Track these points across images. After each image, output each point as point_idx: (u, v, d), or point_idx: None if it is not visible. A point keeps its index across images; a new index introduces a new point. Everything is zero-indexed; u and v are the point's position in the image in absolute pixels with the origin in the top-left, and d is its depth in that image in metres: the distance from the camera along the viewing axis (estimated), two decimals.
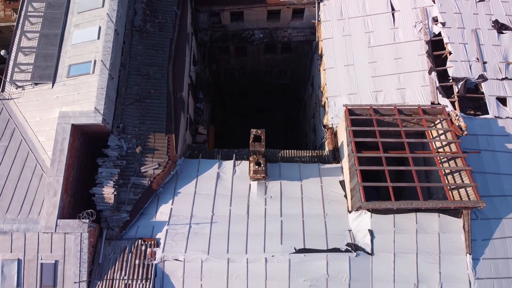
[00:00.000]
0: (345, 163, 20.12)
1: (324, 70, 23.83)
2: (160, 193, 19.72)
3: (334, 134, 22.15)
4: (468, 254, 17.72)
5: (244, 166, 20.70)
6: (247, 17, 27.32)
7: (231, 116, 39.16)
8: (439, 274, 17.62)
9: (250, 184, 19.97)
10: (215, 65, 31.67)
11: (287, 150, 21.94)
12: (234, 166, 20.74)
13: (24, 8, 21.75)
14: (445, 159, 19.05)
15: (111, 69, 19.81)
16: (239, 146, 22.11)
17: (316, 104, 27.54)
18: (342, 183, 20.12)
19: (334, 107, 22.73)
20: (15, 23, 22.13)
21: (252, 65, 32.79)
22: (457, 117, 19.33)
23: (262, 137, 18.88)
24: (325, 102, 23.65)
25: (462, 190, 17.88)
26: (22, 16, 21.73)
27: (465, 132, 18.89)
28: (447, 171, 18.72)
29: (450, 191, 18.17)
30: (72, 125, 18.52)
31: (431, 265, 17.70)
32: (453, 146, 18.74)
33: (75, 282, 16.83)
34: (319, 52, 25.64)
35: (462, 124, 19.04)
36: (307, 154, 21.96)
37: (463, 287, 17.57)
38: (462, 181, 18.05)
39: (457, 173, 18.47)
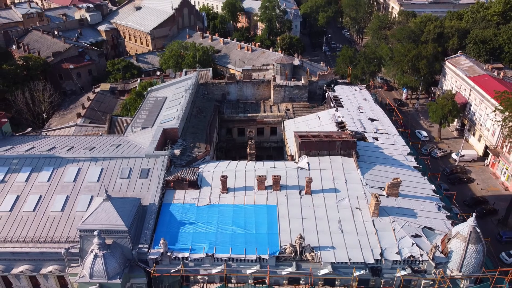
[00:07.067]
0: (296, 156, 39.14)
1: (287, 139, 45.62)
2: (199, 164, 37.99)
3: (292, 157, 41.72)
4: (358, 169, 34.87)
5: (243, 162, 39.50)
6: (246, 133, 50.82)
7: None
8: (344, 177, 34.24)
9: (246, 162, 38.47)
10: None
11: None
12: (238, 161, 39.58)
13: (141, 106, 46.09)
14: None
15: (181, 120, 41.97)
16: None
17: None
18: (296, 163, 38.55)
19: (291, 150, 43.22)
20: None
21: None
22: (348, 132, 40.16)
23: (254, 131, 39.07)
24: (288, 150, 44.22)
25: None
26: (140, 108, 45.71)
27: (351, 133, 39.37)
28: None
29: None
30: (163, 129, 39.21)
31: (340, 173, 34.62)
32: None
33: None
34: (285, 144, 47.79)
35: (350, 132, 39.75)
36: None
37: (358, 183, 33.79)
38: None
39: None
